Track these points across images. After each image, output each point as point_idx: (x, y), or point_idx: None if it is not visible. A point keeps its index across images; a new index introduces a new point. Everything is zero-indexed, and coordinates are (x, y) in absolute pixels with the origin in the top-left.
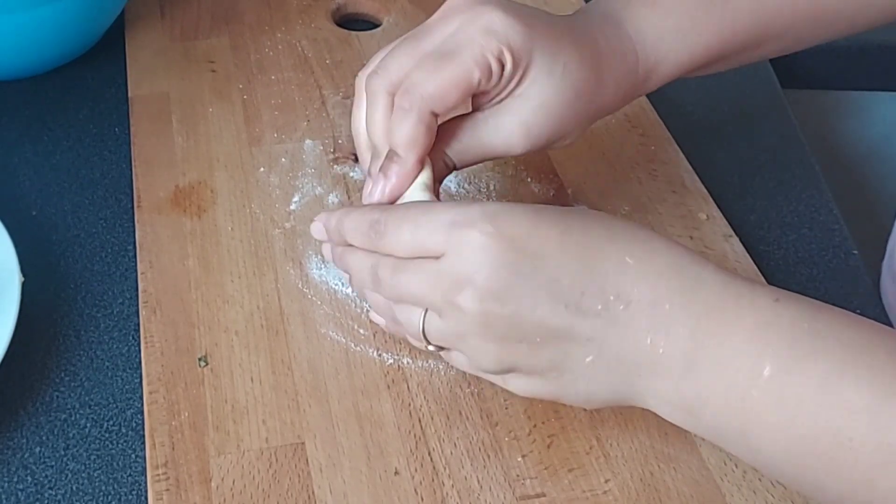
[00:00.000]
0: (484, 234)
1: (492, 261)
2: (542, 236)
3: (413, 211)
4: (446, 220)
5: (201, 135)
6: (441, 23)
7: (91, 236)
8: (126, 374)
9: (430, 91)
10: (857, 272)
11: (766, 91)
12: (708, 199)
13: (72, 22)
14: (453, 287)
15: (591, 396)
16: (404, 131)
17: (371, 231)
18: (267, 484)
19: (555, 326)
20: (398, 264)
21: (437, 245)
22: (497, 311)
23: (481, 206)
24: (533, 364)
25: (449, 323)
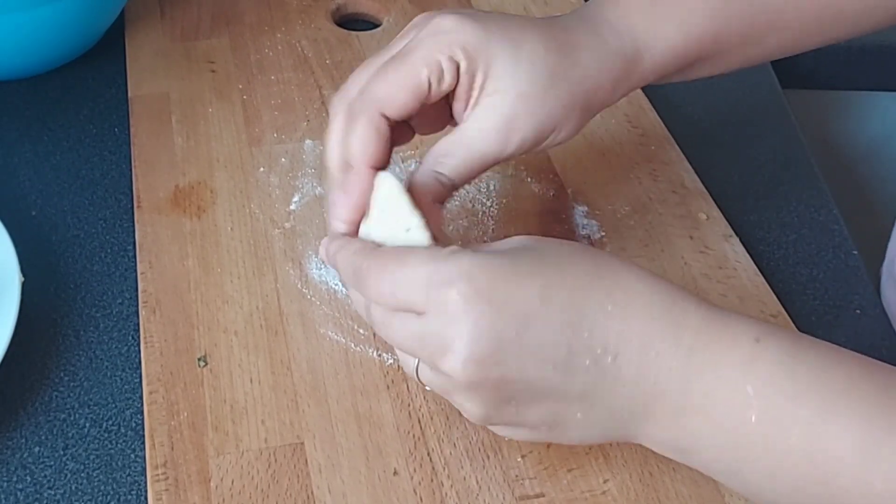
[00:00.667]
0: (462, 296)
1: (472, 327)
2: (522, 296)
3: (391, 262)
4: (423, 278)
5: (201, 135)
6: (399, 38)
7: (91, 236)
8: (125, 374)
9: (378, 94)
10: (857, 272)
11: (766, 91)
12: (708, 199)
13: (72, 22)
14: (436, 352)
15: (584, 441)
16: (356, 136)
17: (355, 278)
18: (266, 484)
19: (543, 387)
20: (386, 314)
21: (416, 303)
22: (482, 378)
23: (457, 262)
24: (521, 421)
25: (438, 379)
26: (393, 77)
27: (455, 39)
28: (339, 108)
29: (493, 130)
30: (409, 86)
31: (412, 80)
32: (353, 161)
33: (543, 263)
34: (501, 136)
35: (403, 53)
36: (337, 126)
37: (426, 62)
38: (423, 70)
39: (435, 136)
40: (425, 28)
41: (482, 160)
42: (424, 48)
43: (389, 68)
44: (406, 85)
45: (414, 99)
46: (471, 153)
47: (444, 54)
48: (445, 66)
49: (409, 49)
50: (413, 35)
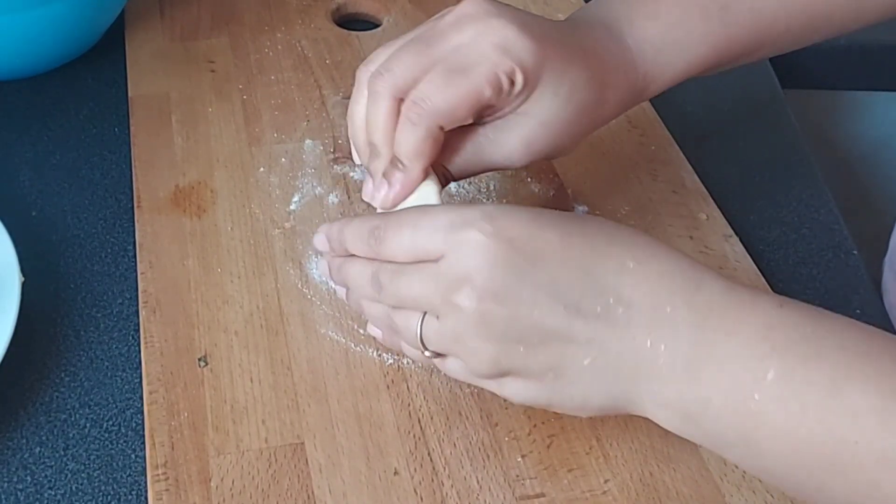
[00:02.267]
0: (483, 233)
1: (491, 260)
2: (542, 238)
3: (412, 215)
4: (445, 222)
5: (201, 135)
6: (452, 30)
7: (91, 236)
8: (126, 374)
9: (439, 106)
10: (857, 272)
11: (766, 91)
12: (708, 199)
13: (72, 22)
14: (451, 286)
15: (586, 402)
16: (411, 143)
17: (371, 237)
18: (266, 484)
19: (553, 327)
20: (398, 268)
21: (437, 247)
22: (495, 311)
23: (481, 208)
24: (529, 366)
25: (447, 324)
26: (457, 92)
27: (518, 60)
28: (382, 89)
29: (509, 147)
30: (471, 103)
31: (475, 97)
32: (405, 161)
33: (565, 219)
34: (515, 155)
35: (465, 64)
36: (381, 110)
37: (490, 81)
38: (486, 89)
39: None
40: (488, 37)
41: (487, 167)
42: (489, 64)
43: (451, 80)
44: (469, 101)
45: (473, 112)
46: (479, 159)
47: (505, 73)
48: (505, 85)
49: (471, 60)
50: (471, 37)
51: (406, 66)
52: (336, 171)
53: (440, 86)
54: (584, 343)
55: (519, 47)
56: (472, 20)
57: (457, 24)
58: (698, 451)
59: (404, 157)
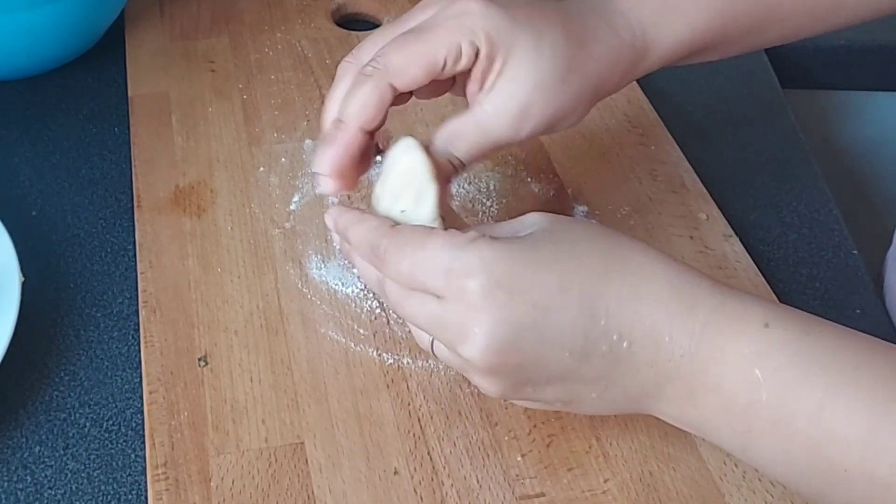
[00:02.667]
0: (481, 286)
1: (492, 316)
2: (540, 286)
3: (410, 246)
4: (443, 265)
5: (201, 135)
6: (418, 10)
7: (91, 236)
8: (126, 374)
9: (392, 63)
10: (857, 272)
11: (766, 91)
12: (708, 199)
13: (72, 22)
14: (455, 338)
15: (597, 413)
16: (357, 96)
17: (373, 255)
18: (266, 484)
19: (560, 371)
20: (402, 292)
21: (436, 288)
22: (500, 363)
23: (477, 252)
24: (538, 398)
25: (455, 360)
26: (410, 50)
27: (480, 24)
28: (347, 70)
29: (508, 116)
30: (424, 62)
31: (429, 57)
32: (346, 118)
33: (560, 250)
34: (515, 122)
35: (425, 28)
36: (341, 88)
37: (446, 43)
38: (441, 49)
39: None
40: (450, 7)
41: (494, 144)
42: (447, 28)
43: (408, 40)
44: (421, 61)
45: (426, 75)
46: (484, 136)
47: (465, 38)
48: (465, 50)
49: (432, 25)
50: (437, 10)
51: (372, 44)
52: None
53: (396, 45)
54: (590, 381)
55: (480, 15)
56: (440, 1)
57: (424, 4)
58: (698, 451)
59: (348, 114)
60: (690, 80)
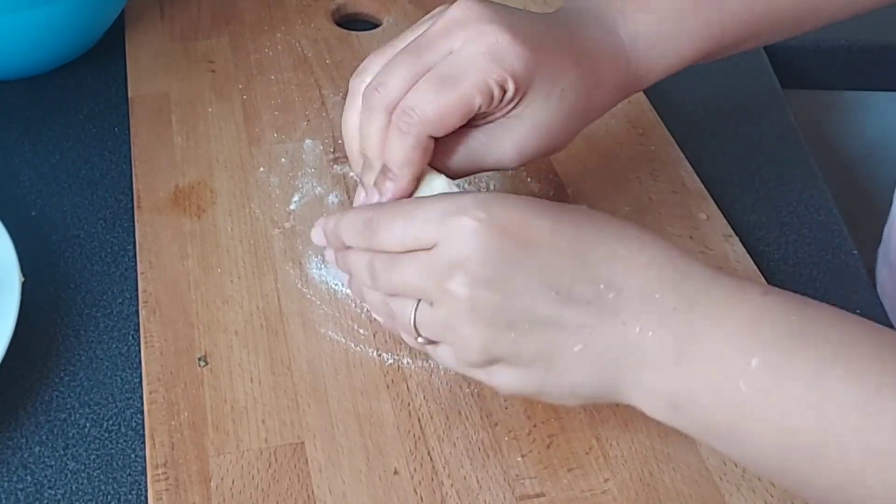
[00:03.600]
0: (476, 220)
1: (483, 246)
2: (534, 225)
3: (405, 206)
4: (438, 211)
5: (201, 135)
6: (443, 37)
7: (91, 236)
8: (126, 374)
9: (429, 116)
10: (857, 272)
11: (766, 91)
12: (708, 199)
13: (72, 22)
14: (444, 273)
15: (575, 389)
16: (401, 152)
17: (365, 229)
18: (266, 484)
19: (544, 313)
20: (392, 258)
21: (430, 236)
22: (487, 296)
23: (473, 196)
24: (520, 353)
25: (440, 311)
26: (446, 101)
27: (510, 68)
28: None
29: (501, 150)
30: (461, 112)
31: (466, 106)
32: (395, 170)
33: (557, 207)
34: (506, 157)
35: (455, 72)
36: (375, 127)
37: (480, 90)
38: (476, 97)
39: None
40: (478, 44)
41: (477, 169)
42: (479, 73)
43: (441, 90)
44: (458, 111)
45: (463, 121)
46: (470, 160)
47: (496, 82)
48: (496, 94)
49: (461, 68)
50: (461, 44)
51: (397, 78)
52: (336, 171)
53: (430, 95)
54: (574, 329)
55: (510, 55)
56: (463, 26)
57: (447, 30)
58: (698, 451)
59: (394, 165)
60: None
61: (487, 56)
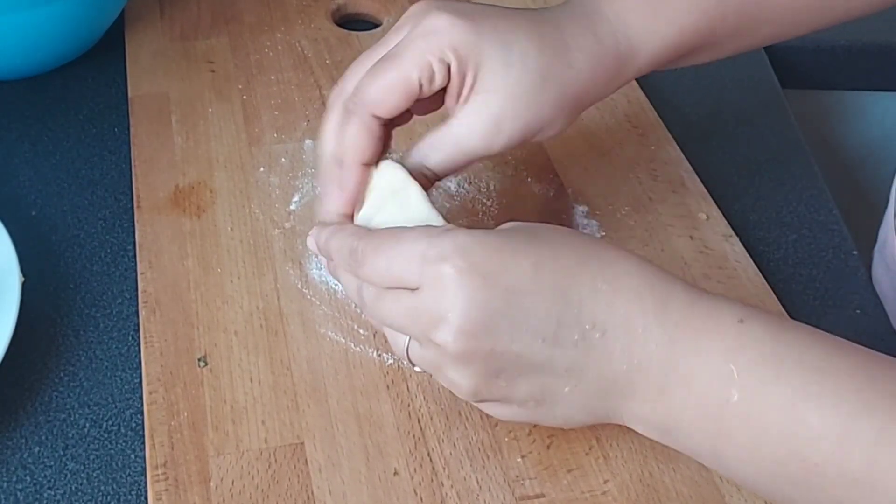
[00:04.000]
0: (456, 269)
1: (466, 298)
2: (514, 270)
3: (388, 241)
4: (418, 253)
5: (201, 135)
6: (393, 33)
7: (91, 236)
8: (125, 374)
9: (370, 96)
10: (857, 272)
11: (766, 91)
12: (708, 199)
13: (72, 22)
14: (429, 324)
15: (568, 420)
16: (348, 135)
17: (351, 259)
18: (266, 484)
19: (532, 360)
20: (378, 293)
21: (412, 278)
22: (473, 348)
23: (452, 238)
24: (510, 396)
25: (427, 355)
26: (383, 79)
27: (446, 41)
28: (335, 103)
29: (480, 129)
30: (399, 88)
31: (403, 82)
32: (345, 158)
33: (537, 242)
34: (488, 135)
35: (394, 54)
36: (332, 122)
37: (416, 64)
38: (413, 72)
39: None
40: (418, 27)
41: (468, 156)
42: (415, 49)
43: (380, 69)
44: (397, 87)
45: (405, 100)
46: (457, 149)
47: (434, 56)
48: (436, 68)
49: (400, 49)
50: (406, 31)
51: (353, 73)
52: None
53: (371, 77)
54: (563, 372)
55: (447, 28)
56: (411, 19)
57: (396, 27)
58: None
59: (345, 153)
60: (690, 80)
61: (424, 34)
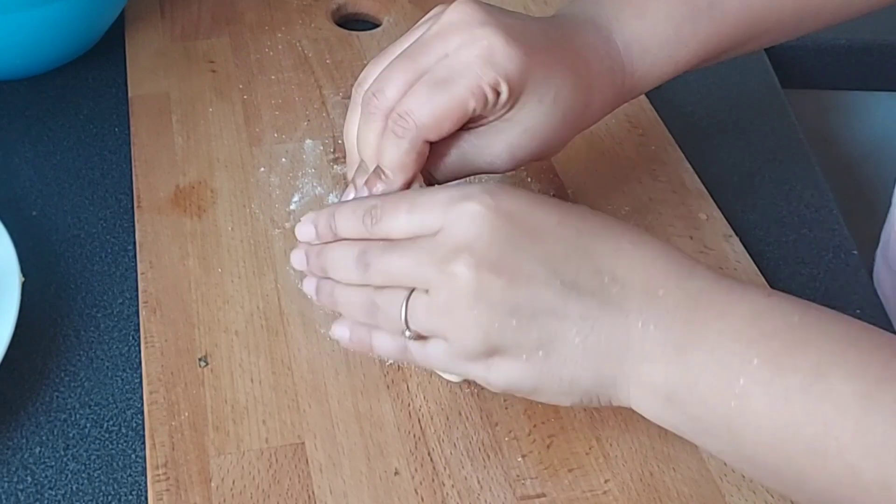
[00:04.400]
0: (483, 205)
1: (490, 230)
2: (541, 214)
3: (410, 194)
4: (444, 197)
5: (201, 135)
6: (438, 41)
7: (91, 236)
8: (126, 374)
9: (424, 120)
10: (857, 272)
11: (766, 91)
12: (708, 199)
13: (72, 22)
14: (448, 255)
15: (573, 385)
16: (395, 156)
17: (367, 216)
18: (267, 484)
19: (547, 301)
20: (389, 244)
21: (435, 221)
22: (491, 280)
23: (481, 184)
24: (520, 342)
25: (439, 297)
26: (441, 105)
27: (503, 71)
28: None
29: (494, 154)
30: (456, 116)
31: (460, 110)
32: (388, 173)
33: (565, 206)
34: (499, 161)
35: (449, 76)
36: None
37: (474, 94)
38: (471, 101)
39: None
40: (473, 47)
41: (471, 172)
42: (473, 76)
43: (437, 93)
44: (453, 115)
45: (458, 125)
46: (465, 164)
47: (490, 83)
48: (490, 98)
49: (456, 71)
50: (456, 47)
51: (394, 83)
52: (336, 171)
53: (424, 99)
54: (577, 320)
55: (504, 58)
56: (458, 29)
57: (442, 33)
58: (698, 451)
59: (388, 168)
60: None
61: (481, 59)
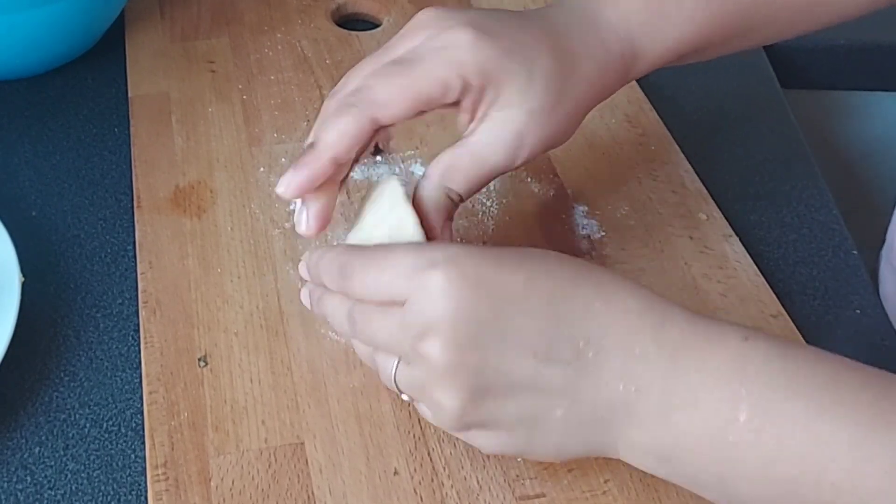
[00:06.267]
0: (446, 277)
1: (456, 307)
2: (506, 281)
3: (377, 254)
4: (408, 265)
5: (201, 135)
6: (406, 38)
7: (91, 236)
8: (126, 374)
9: (377, 96)
10: (857, 272)
11: (766, 91)
12: (708, 199)
13: (72, 22)
14: (417, 336)
15: (560, 451)
16: (336, 125)
17: (339, 275)
18: (266, 484)
19: (522, 377)
20: (368, 311)
21: (400, 291)
22: (461, 360)
23: (444, 249)
24: (499, 419)
25: (414, 372)
26: (395, 83)
27: (470, 58)
28: (333, 101)
29: (503, 144)
30: (409, 97)
31: (415, 92)
32: (318, 144)
33: (530, 260)
34: (511, 150)
35: (412, 60)
36: (328, 111)
37: (433, 77)
38: (427, 84)
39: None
40: (439, 38)
41: (491, 173)
42: (436, 62)
43: (394, 72)
44: (407, 95)
45: (411, 110)
46: (480, 167)
47: (453, 72)
48: (452, 84)
49: (419, 57)
50: (423, 40)
51: (359, 75)
52: None
53: (383, 77)
54: (555, 393)
55: (471, 47)
56: (425, 27)
57: (409, 32)
58: None
59: (321, 140)
60: (690, 80)
61: (445, 49)
